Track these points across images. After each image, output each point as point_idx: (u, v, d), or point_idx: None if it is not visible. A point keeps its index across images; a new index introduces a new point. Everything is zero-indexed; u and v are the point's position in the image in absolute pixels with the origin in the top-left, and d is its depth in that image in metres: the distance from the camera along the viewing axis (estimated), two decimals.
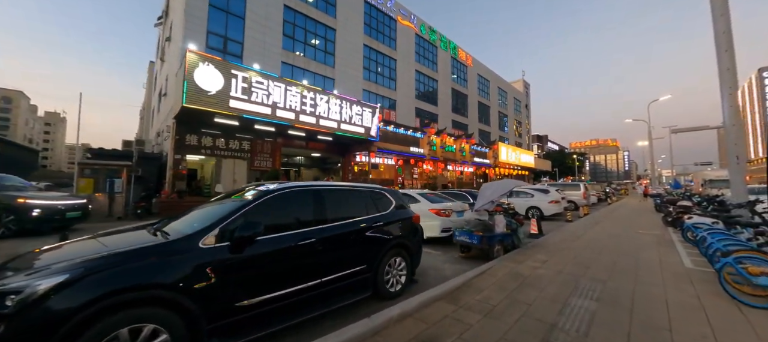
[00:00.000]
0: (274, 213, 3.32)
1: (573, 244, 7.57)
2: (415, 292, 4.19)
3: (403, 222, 4.62)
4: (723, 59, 7.55)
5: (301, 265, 3.28)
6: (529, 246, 7.21)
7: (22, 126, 78.04)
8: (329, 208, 3.79)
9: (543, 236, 8.93)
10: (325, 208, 3.74)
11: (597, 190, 26.02)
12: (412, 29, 31.88)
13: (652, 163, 36.40)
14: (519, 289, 4.23)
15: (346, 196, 4.15)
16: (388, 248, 4.22)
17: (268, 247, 3.05)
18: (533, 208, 13.40)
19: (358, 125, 19.01)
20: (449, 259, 6.55)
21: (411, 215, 4.78)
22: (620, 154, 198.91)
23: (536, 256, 6.21)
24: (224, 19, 18.88)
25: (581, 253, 6.57)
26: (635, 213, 15.58)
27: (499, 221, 6.72)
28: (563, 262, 5.77)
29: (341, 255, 3.70)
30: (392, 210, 4.54)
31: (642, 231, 9.78)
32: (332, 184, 4.14)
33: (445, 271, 5.73)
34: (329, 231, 3.59)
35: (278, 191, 3.41)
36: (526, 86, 59.85)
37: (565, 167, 66.69)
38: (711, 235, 5.70)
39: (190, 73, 12.92)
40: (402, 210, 4.73)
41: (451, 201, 8.95)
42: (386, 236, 4.27)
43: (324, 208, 3.73)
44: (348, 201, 4.11)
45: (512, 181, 7.55)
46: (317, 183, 4.02)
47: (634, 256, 6.26)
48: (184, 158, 16.24)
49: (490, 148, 34.69)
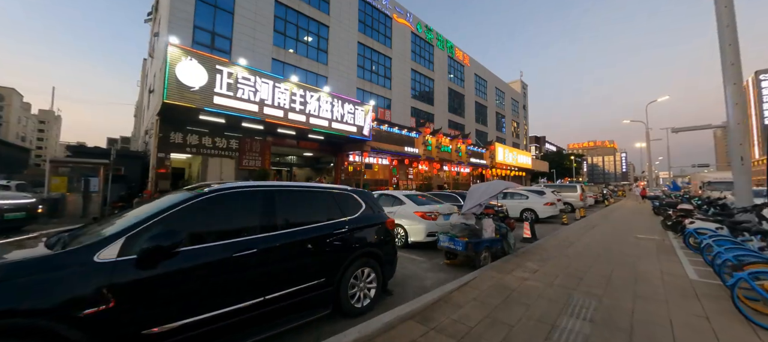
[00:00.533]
0: (207, 219, 2.79)
1: (567, 250, 7.06)
2: (386, 307, 3.67)
3: (374, 227, 4.09)
4: (727, 54, 7.07)
5: (237, 281, 2.74)
6: (521, 252, 6.69)
7: (15, 124, 77.04)
8: (281, 212, 3.26)
9: (536, 241, 8.42)
10: (276, 213, 3.20)
11: (594, 192, 25.56)
12: (408, 27, 31.38)
13: (650, 165, 36.00)
14: (503, 306, 3.71)
15: (305, 198, 3.61)
16: (353, 258, 3.69)
17: (193, 260, 2.52)
18: (528, 211, 12.90)
19: (350, 124, 18.45)
20: (433, 267, 6.02)
21: (383, 220, 4.25)
22: (618, 156, 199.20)
23: (526, 264, 5.68)
24: (212, 14, 18.30)
25: (575, 260, 6.06)
26: (633, 215, 15.11)
27: (487, 225, 6.20)
28: (555, 271, 5.25)
29: (293, 267, 3.16)
30: (361, 214, 4.01)
31: (640, 236, 9.29)
32: (288, 185, 3.60)
33: (426, 280, 5.20)
34: (278, 239, 3.06)
35: (214, 193, 2.88)
36: (523, 87, 59.44)
37: (562, 168, 66.37)
38: (717, 242, 5.20)
39: (172, 68, 12.37)
40: (373, 214, 4.19)
41: (438, 203, 8.43)
42: (351, 244, 3.74)
43: (274, 212, 3.19)
44: (306, 204, 3.58)
45: (503, 183, 7.03)
46: (269, 183, 3.48)
47: (633, 266, 5.75)
48: (168, 157, 15.67)
49: (487, 149, 34.21)
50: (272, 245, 2.98)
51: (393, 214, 7.92)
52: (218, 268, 2.64)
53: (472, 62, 40.87)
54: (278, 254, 3.02)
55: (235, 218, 2.96)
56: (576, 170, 70.59)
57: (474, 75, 41.24)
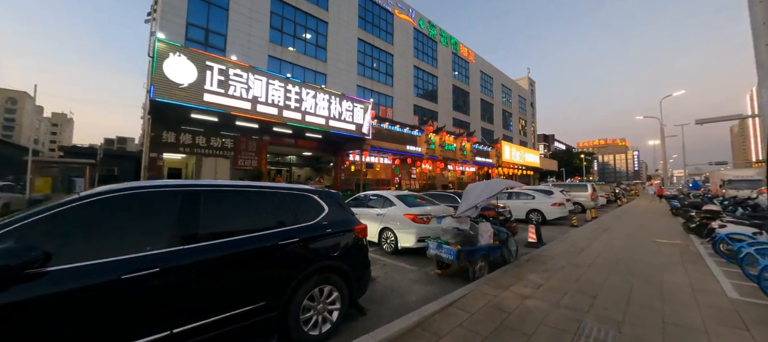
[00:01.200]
0: (89, 230, 2.10)
1: (577, 257, 6.20)
2: (354, 332, 2.94)
3: (338, 236, 3.35)
4: (762, 51, 6.13)
5: (129, 310, 2.04)
6: (524, 260, 5.87)
7: (28, 127, 78.67)
8: (207, 219, 2.55)
9: (543, 246, 7.57)
10: (199, 220, 2.50)
11: (606, 191, 24.32)
12: (411, 23, 30.55)
13: (665, 163, 34.35)
14: (495, 337, 2.93)
15: (244, 201, 2.89)
16: (307, 274, 2.96)
17: (61, 284, 1.83)
18: (534, 212, 11.98)
19: (348, 122, 17.75)
20: (422, 278, 5.26)
21: (351, 227, 3.49)
22: (630, 154, 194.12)
23: (529, 276, 4.87)
24: (206, 10, 17.82)
25: (587, 272, 5.21)
26: (649, 216, 14.03)
27: (484, 230, 5.41)
28: (563, 286, 4.43)
29: (217, 289, 2.45)
30: (319, 220, 3.27)
31: (660, 240, 8.33)
32: (222, 184, 2.87)
33: (410, 295, 4.45)
34: (193, 255, 2.34)
35: (96, 197, 2.18)
36: (531, 84, 57.89)
37: (572, 167, 64.58)
38: (760, 251, 4.32)
39: (160, 65, 11.86)
40: (337, 219, 3.45)
41: (433, 204, 7.65)
42: (305, 257, 3.01)
43: (196, 219, 2.49)
44: (244, 208, 2.85)
45: (503, 182, 6.21)
46: (194, 181, 2.78)
47: (656, 279, 4.87)
48: (160, 157, 15.25)
49: (492, 147, 33.16)
50: (184, 262, 2.28)
51: (382, 217, 7.20)
52: (100, 294, 1.95)
53: (477, 59, 39.81)
54: (194, 273, 2.31)
55: (134, 228, 2.26)
56: (586, 169, 68.66)
57: (479, 72, 40.17)
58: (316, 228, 3.19)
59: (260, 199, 2.99)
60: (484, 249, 5.21)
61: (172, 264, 2.23)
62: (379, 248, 7.30)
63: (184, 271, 2.27)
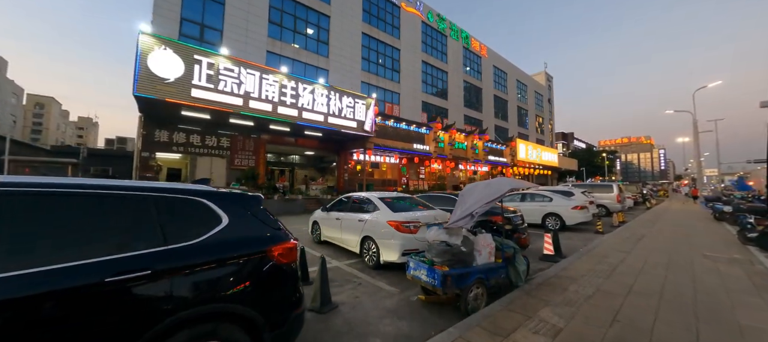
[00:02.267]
0: None
1: (609, 281, 4.78)
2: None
3: (239, 263, 2.17)
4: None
5: None
6: (537, 284, 4.52)
7: (54, 130, 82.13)
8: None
9: (562, 260, 6.17)
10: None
11: (632, 192, 22.16)
12: (419, 17, 29.20)
13: (698, 161, 31.36)
14: None
15: (75, 208, 1.76)
16: (167, 327, 1.81)
17: None
18: (551, 216, 10.44)
19: (349, 119, 16.70)
20: (399, 307, 4.02)
21: (263, 248, 2.30)
22: (655, 152, 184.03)
23: (543, 311, 3.55)
24: (201, 4, 17.18)
25: (626, 305, 3.81)
26: (687, 222, 12.18)
27: (482, 245, 4.11)
28: (595, 333, 3.10)
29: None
30: (208, 239, 2.09)
31: (710, 253, 6.74)
32: (38, 183, 1.76)
33: (374, 338, 3.23)
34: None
35: None
36: (548, 79, 55.09)
37: (593, 166, 61.17)
38: None
39: (144, 59, 11.22)
40: (242, 237, 2.27)
41: (428, 209, 6.38)
42: (167, 299, 1.85)
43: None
44: (57, 222, 1.73)
45: (508, 181, 4.87)
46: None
47: (728, 319, 3.44)
48: (153, 156, 14.68)
49: (507, 146, 31.31)
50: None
51: (364, 223, 6.00)
52: None
53: (491, 53, 37.95)
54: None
55: None
56: (608, 168, 64.95)
57: (492, 67, 38.28)
58: (197, 251, 2.01)
59: (104, 206, 1.84)
60: (481, 271, 3.91)
61: None
62: (360, 260, 6.13)
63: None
